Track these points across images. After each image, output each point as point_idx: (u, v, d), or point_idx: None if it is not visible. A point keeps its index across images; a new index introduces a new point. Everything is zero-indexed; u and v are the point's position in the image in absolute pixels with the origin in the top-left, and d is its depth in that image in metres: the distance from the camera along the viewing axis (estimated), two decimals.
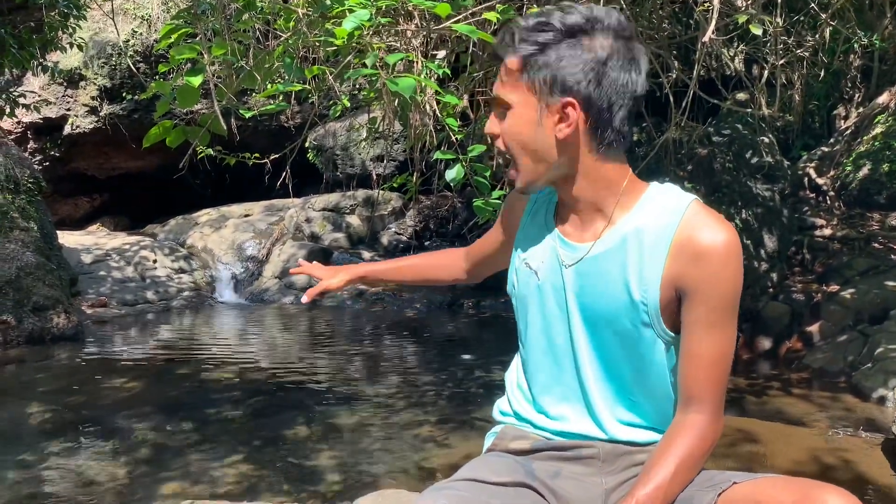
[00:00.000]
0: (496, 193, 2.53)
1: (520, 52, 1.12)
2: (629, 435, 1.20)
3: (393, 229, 8.04)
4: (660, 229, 1.12)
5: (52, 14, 5.90)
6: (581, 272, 1.17)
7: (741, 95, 6.05)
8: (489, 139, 1.20)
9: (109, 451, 3.16)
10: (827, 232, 5.63)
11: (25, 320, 5.18)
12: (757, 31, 3.14)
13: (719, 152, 5.28)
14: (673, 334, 1.15)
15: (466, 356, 4.96)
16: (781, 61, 3.76)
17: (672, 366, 1.17)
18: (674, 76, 3.81)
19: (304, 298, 1.55)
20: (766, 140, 5.49)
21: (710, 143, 5.32)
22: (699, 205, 1.13)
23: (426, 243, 7.80)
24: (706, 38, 3.09)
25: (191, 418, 3.59)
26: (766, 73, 3.84)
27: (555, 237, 1.22)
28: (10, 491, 2.76)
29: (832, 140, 6.84)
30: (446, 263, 1.59)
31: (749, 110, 4.80)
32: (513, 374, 1.34)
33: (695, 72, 3.34)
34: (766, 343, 4.75)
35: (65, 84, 9.09)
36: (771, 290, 4.96)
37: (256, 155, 3.46)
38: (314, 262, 1.67)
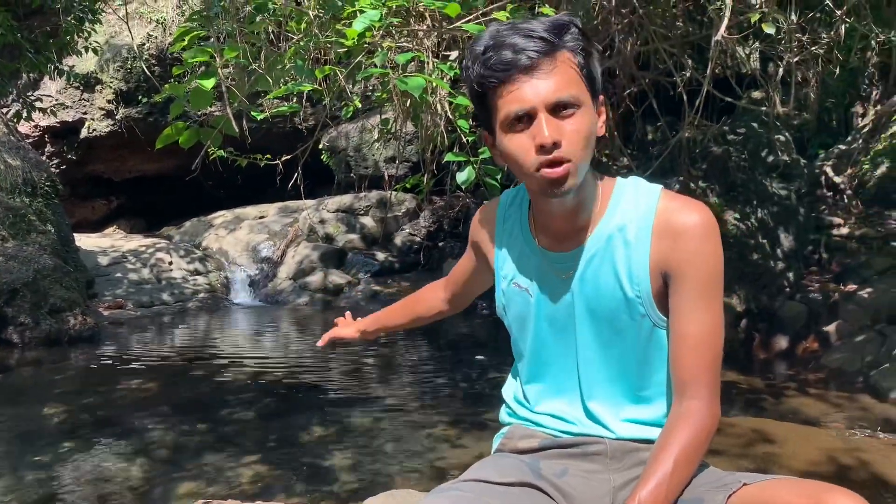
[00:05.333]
0: None
1: (571, 44, 1.06)
2: (636, 432, 1.19)
3: (407, 230, 8.05)
4: (639, 220, 1.13)
5: (68, 18, 5.97)
6: (576, 279, 1.17)
7: (756, 94, 5.98)
8: (540, 148, 1.04)
9: (126, 452, 3.18)
10: (844, 231, 5.57)
11: (42, 322, 5.24)
12: (770, 29, 3.12)
13: (734, 151, 5.24)
14: (667, 319, 1.15)
15: (480, 357, 4.95)
16: (796, 59, 3.72)
17: None
18: (688, 75, 3.79)
19: (319, 343, 1.69)
20: (782, 138, 5.44)
21: (725, 141, 5.28)
22: (668, 192, 1.16)
23: (440, 243, 7.80)
24: (719, 36, 3.07)
25: (206, 419, 3.61)
26: (781, 70, 3.81)
27: (538, 252, 1.21)
28: (28, 491, 2.79)
29: (849, 138, 6.76)
30: (427, 297, 1.57)
31: (764, 108, 4.76)
32: (510, 389, 1.34)
33: (709, 70, 3.32)
34: (782, 343, 4.71)
35: (81, 88, 9.19)
36: (788, 289, 4.92)
37: (268, 156, 3.48)
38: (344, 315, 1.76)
